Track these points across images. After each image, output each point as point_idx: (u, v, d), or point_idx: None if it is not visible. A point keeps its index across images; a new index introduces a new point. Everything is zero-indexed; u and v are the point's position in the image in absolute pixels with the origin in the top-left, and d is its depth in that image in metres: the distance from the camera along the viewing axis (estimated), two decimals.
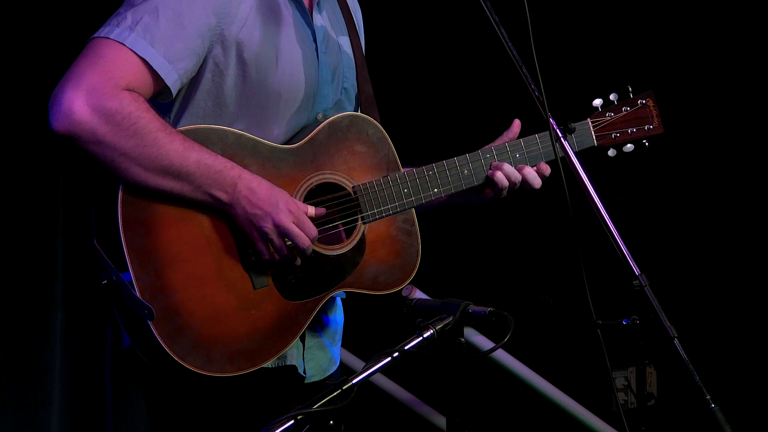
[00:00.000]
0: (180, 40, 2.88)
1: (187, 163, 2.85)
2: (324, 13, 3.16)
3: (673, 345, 2.90)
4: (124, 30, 2.86)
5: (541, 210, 5.94)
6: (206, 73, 2.97)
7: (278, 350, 2.95)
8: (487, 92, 5.86)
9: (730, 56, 5.91)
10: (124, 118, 2.81)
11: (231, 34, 2.95)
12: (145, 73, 2.87)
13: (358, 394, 2.56)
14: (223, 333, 2.88)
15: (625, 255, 2.97)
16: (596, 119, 3.39)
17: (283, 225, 2.89)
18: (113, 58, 2.84)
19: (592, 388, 5.62)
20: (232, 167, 2.89)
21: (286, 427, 2.48)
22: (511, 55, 3.03)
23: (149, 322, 2.80)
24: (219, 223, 2.91)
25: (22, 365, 4.87)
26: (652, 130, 3.44)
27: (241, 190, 2.88)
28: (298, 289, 2.97)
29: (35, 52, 4.83)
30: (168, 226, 2.87)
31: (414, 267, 3.11)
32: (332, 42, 3.15)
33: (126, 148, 2.81)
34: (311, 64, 3.07)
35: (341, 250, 3.04)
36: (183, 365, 2.83)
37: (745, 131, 5.94)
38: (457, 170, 3.20)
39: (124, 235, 2.83)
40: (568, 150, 3.08)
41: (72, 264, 4.93)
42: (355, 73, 3.19)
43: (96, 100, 2.79)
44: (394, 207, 3.10)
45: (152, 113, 2.85)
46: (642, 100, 3.44)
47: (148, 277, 2.83)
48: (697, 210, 6.10)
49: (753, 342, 5.96)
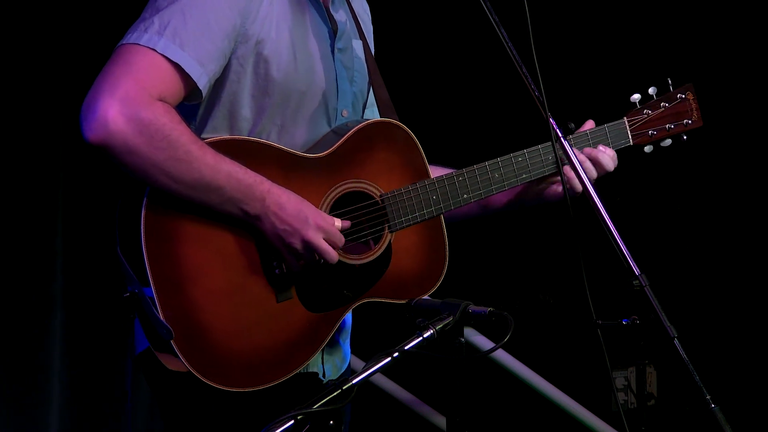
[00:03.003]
0: (209, 42, 2.88)
1: (218, 177, 2.83)
2: (341, 12, 3.16)
3: (673, 345, 2.90)
4: (153, 35, 2.84)
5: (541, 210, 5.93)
6: (230, 74, 2.96)
7: (302, 362, 2.94)
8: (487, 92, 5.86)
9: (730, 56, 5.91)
10: (157, 129, 2.79)
11: (253, 33, 2.95)
12: (176, 78, 2.85)
13: (358, 394, 2.56)
14: (244, 348, 2.88)
15: (625, 255, 2.96)
16: (633, 117, 3.35)
17: (313, 241, 2.89)
18: (145, 66, 2.82)
19: (592, 388, 5.62)
20: (261, 182, 2.87)
21: (286, 427, 2.48)
22: (511, 55, 3.03)
23: (172, 343, 2.80)
24: (243, 236, 2.90)
25: (22, 365, 4.87)
26: (691, 125, 3.40)
27: (269, 205, 2.87)
28: (323, 300, 2.96)
29: (35, 52, 4.82)
30: (191, 239, 2.85)
31: (440, 275, 3.09)
32: (348, 42, 3.15)
33: (158, 160, 2.79)
34: (327, 59, 3.07)
35: (367, 259, 3.01)
36: (204, 381, 2.83)
37: (745, 131, 5.94)
38: (488, 174, 3.17)
39: (146, 246, 2.81)
40: (568, 150, 3.08)
41: (72, 263, 4.93)
42: (367, 79, 3.19)
43: (130, 111, 2.77)
44: (422, 215, 3.08)
45: (184, 126, 2.84)
46: (681, 94, 3.39)
47: (170, 293, 2.81)
48: (697, 210, 6.10)
49: (753, 342, 5.96)
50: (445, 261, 3.10)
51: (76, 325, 4.96)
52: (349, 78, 3.13)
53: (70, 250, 4.93)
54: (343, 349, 3.16)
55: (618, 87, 3.47)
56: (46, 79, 4.80)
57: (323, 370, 3.07)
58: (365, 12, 3.33)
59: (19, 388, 4.86)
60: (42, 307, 4.90)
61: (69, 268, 4.94)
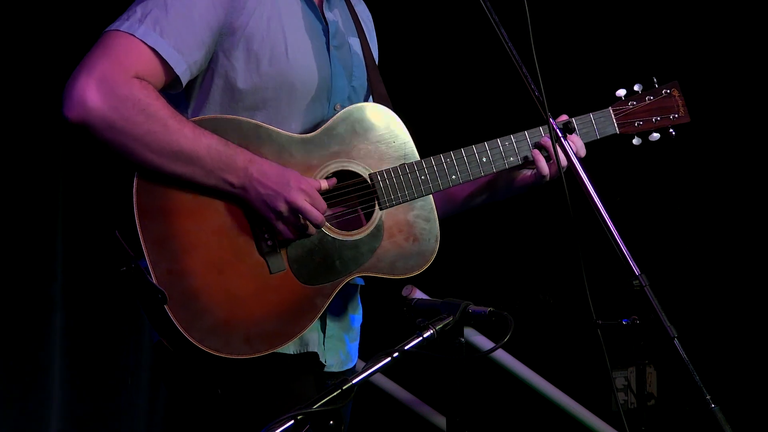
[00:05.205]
0: (189, 32, 2.96)
1: (198, 147, 2.91)
2: (335, 11, 3.22)
3: (673, 345, 2.90)
4: (134, 23, 2.94)
5: (541, 210, 5.94)
6: (218, 67, 3.03)
7: (296, 333, 2.99)
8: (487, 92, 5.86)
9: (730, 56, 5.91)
10: (134, 104, 2.88)
11: (239, 26, 3.01)
12: (155, 63, 2.94)
13: (358, 394, 2.56)
14: (240, 317, 2.93)
15: (625, 255, 2.97)
16: (618, 107, 3.39)
17: (296, 202, 2.94)
18: (124, 49, 2.92)
19: (592, 388, 5.62)
20: (242, 152, 2.95)
21: (286, 427, 2.48)
22: (511, 55, 3.04)
23: (165, 307, 2.85)
24: (234, 210, 2.96)
25: (22, 365, 4.87)
26: (678, 119, 3.43)
27: (253, 173, 2.94)
28: (315, 273, 3.01)
29: (36, 52, 4.83)
30: (184, 214, 2.93)
31: (433, 252, 3.13)
32: (343, 40, 3.21)
33: (137, 134, 2.88)
34: (322, 55, 3.12)
35: (358, 235, 3.07)
36: (200, 348, 2.88)
37: (745, 131, 5.94)
38: (476, 157, 3.22)
39: (139, 221, 2.88)
40: (568, 150, 3.09)
41: (72, 263, 4.93)
42: (365, 75, 3.23)
43: (107, 87, 2.86)
44: (411, 193, 3.12)
45: (162, 101, 2.92)
46: (666, 90, 3.43)
47: (164, 262, 2.88)
48: (697, 210, 6.10)
49: (753, 342, 5.96)
50: (437, 239, 3.14)
51: (76, 325, 4.96)
52: (347, 74, 3.18)
53: (70, 250, 4.93)
54: (348, 347, 3.19)
55: (604, 86, 3.50)
56: (46, 79, 4.80)
57: (324, 354, 3.09)
58: (369, 19, 3.39)
59: (19, 388, 4.86)
60: (42, 307, 4.90)
61: (69, 268, 4.94)
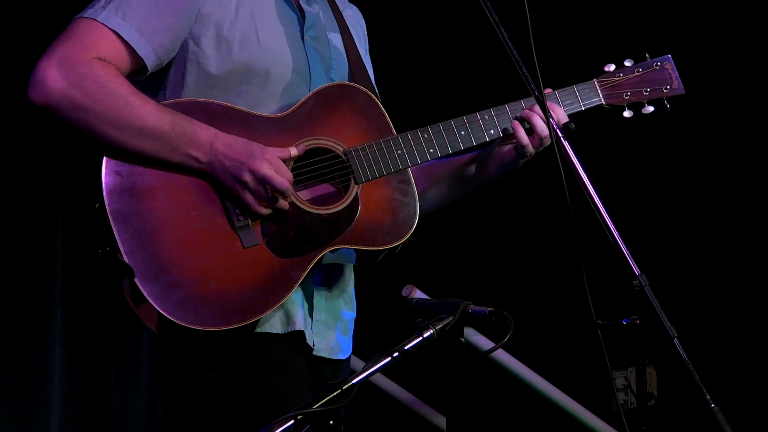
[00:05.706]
0: (153, 15, 2.99)
1: (161, 123, 2.94)
2: (314, 6, 3.23)
3: (673, 345, 2.90)
4: (98, 9, 2.99)
5: (541, 210, 5.94)
6: (189, 54, 3.05)
7: (271, 304, 2.98)
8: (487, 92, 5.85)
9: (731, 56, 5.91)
10: (94, 81, 2.92)
11: (207, 13, 3.04)
12: (118, 46, 2.98)
13: (358, 394, 2.56)
14: (213, 290, 2.94)
15: (625, 255, 2.96)
16: (604, 79, 3.35)
17: (260, 170, 2.95)
18: (86, 33, 2.97)
19: (592, 388, 5.61)
20: (207, 128, 2.97)
21: (286, 427, 2.48)
22: (511, 55, 3.03)
23: (136, 281, 2.87)
24: (204, 186, 2.98)
25: (22, 365, 4.87)
26: (671, 91, 3.36)
27: (218, 147, 2.96)
28: (290, 247, 3.02)
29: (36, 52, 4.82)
30: (154, 192, 2.95)
31: (412, 225, 3.12)
32: (321, 32, 3.22)
33: (99, 111, 2.91)
34: (296, 42, 3.14)
35: (335, 209, 3.06)
36: (173, 321, 2.89)
37: (745, 131, 5.94)
38: (454, 131, 3.21)
39: (108, 201, 2.92)
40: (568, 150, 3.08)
41: (72, 264, 4.93)
42: (347, 69, 3.24)
43: (67, 67, 2.92)
44: (388, 167, 3.12)
45: (123, 79, 2.96)
46: (658, 63, 3.37)
47: (133, 240, 2.90)
48: (697, 210, 6.10)
49: (753, 342, 5.96)
50: (416, 212, 3.13)
51: (76, 325, 4.96)
52: (324, 66, 3.19)
53: (70, 250, 4.94)
54: (338, 337, 3.19)
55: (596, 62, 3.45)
56: None
57: (312, 336, 3.10)
58: (360, 24, 3.40)
59: (19, 388, 4.86)
60: (42, 307, 4.90)
61: (69, 268, 4.94)
